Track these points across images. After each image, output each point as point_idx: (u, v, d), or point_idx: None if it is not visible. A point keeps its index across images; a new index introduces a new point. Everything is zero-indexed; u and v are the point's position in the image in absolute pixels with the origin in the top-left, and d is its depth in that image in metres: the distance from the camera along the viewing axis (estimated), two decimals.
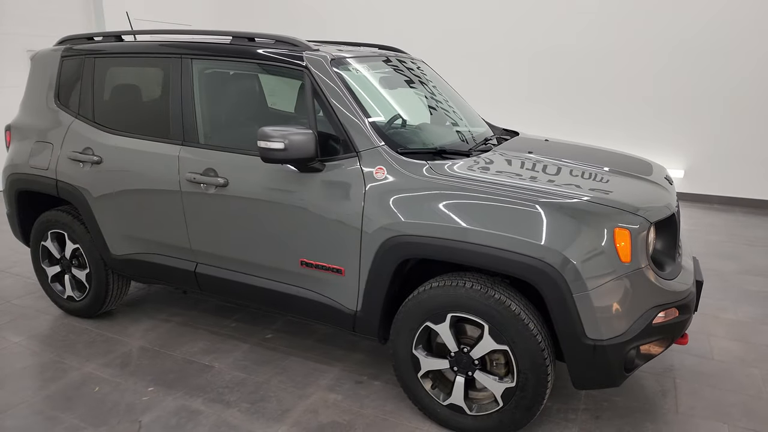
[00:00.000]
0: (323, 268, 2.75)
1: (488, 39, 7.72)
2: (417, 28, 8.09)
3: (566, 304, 2.23)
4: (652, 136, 7.08)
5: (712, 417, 2.73)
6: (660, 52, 6.85)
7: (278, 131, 2.52)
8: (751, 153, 6.67)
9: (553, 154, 3.00)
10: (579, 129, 7.36)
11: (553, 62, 7.42)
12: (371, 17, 8.38)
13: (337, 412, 2.79)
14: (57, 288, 3.78)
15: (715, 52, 6.59)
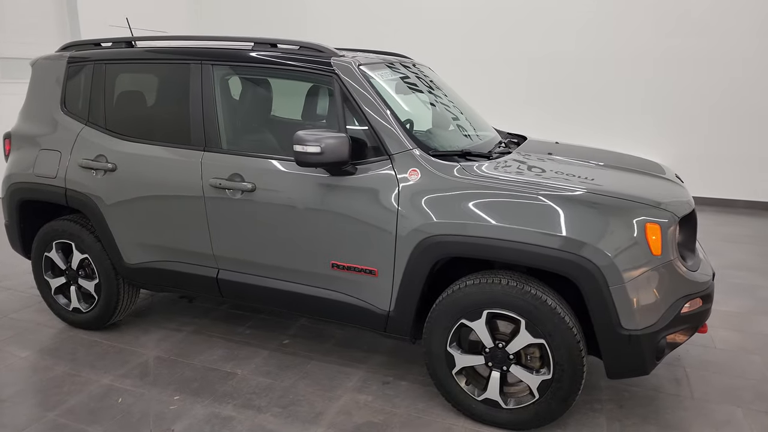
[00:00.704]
0: (355, 270, 2.79)
1: (483, 44, 7.84)
2: (404, 31, 8.20)
3: (603, 296, 2.34)
4: (631, 137, 7.33)
5: (726, 401, 2.89)
6: (643, 59, 7.15)
7: (314, 135, 2.55)
8: (719, 155, 7.04)
9: (571, 155, 3.14)
10: (572, 132, 7.51)
11: (549, 68, 7.59)
12: (352, 22, 8.44)
13: (370, 412, 2.82)
14: (61, 300, 3.68)
15: (687, 63, 6.95)
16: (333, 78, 2.80)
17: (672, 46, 7.00)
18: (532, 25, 7.63)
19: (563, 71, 7.60)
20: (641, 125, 7.33)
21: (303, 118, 3.46)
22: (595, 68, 7.44)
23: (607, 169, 2.93)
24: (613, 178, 2.77)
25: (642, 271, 2.35)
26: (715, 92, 6.92)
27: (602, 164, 3.03)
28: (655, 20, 7.02)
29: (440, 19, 8.06)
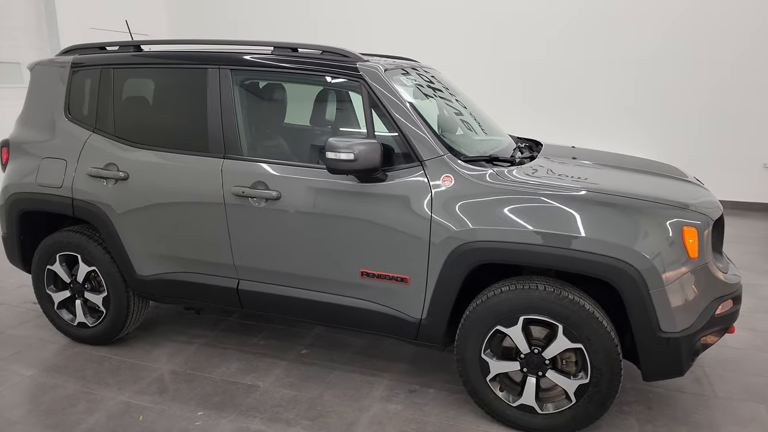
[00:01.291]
0: (386, 278, 2.75)
1: (474, 48, 7.87)
2: (378, 32, 8.18)
3: (643, 300, 2.36)
4: (618, 138, 7.45)
5: (748, 399, 2.96)
6: (620, 66, 7.30)
7: (347, 142, 2.51)
8: (706, 156, 7.20)
9: (595, 160, 3.16)
10: (563, 134, 7.58)
11: (540, 71, 7.64)
12: (337, 24, 8.37)
13: (401, 421, 2.79)
14: (65, 315, 3.53)
15: (673, 64, 7.12)
16: (361, 83, 2.76)
17: (658, 48, 7.15)
18: (524, 30, 7.67)
19: (553, 75, 7.65)
20: (629, 126, 7.45)
21: (326, 124, 3.40)
22: (586, 71, 7.50)
23: (636, 174, 2.97)
24: (644, 182, 2.80)
25: (680, 274, 2.38)
26: (702, 94, 7.07)
27: (629, 169, 3.06)
28: (642, 23, 7.17)
29: (424, 24, 8.07)
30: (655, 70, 7.17)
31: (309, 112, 3.26)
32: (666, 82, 7.16)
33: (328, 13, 8.36)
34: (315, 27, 8.48)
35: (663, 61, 7.14)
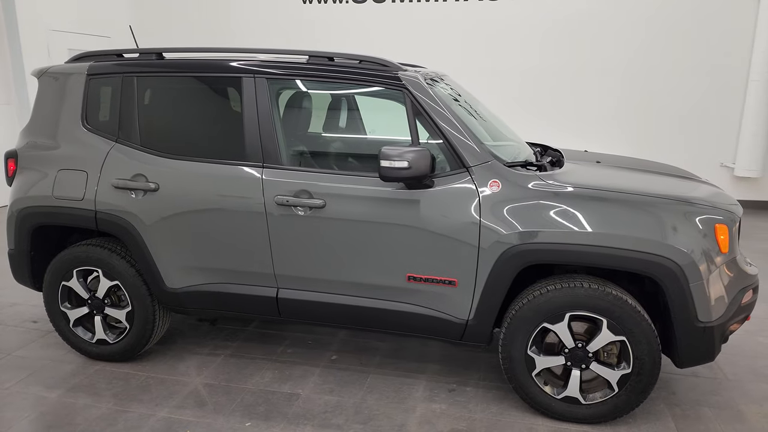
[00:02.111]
0: (434, 281, 2.83)
1: (468, 57, 8.01)
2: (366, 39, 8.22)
3: (684, 293, 2.56)
4: (601, 142, 7.78)
5: (757, 380, 3.24)
6: (591, 75, 7.66)
7: (399, 150, 2.58)
8: (659, 158, 7.67)
9: (616, 164, 3.36)
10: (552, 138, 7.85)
11: (522, 79, 7.88)
12: (315, 29, 8.34)
13: (450, 420, 2.87)
14: (81, 332, 3.39)
15: (654, 72, 7.54)
16: (404, 93, 2.83)
17: (622, 60, 7.55)
18: (510, 38, 7.85)
19: (545, 81, 7.88)
20: (597, 129, 7.79)
21: (366, 132, 3.44)
22: (573, 79, 7.78)
23: (661, 176, 3.18)
24: (671, 184, 3.01)
25: (714, 267, 2.59)
26: (661, 99, 7.53)
27: (652, 171, 3.27)
28: (609, 38, 7.54)
29: (410, 30, 8.13)
30: (619, 78, 7.57)
31: (347, 121, 3.28)
32: (628, 88, 7.57)
33: (301, 16, 8.32)
34: (295, 29, 8.38)
35: (625, 70, 7.55)
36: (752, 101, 7.04)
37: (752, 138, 7.09)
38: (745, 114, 7.14)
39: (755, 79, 7.00)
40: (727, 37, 7.17)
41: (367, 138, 3.40)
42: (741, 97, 7.21)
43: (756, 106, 7.00)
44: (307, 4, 8.07)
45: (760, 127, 7.03)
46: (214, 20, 8.56)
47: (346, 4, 7.96)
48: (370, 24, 8.03)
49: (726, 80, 7.26)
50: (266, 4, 8.30)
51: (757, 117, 7.02)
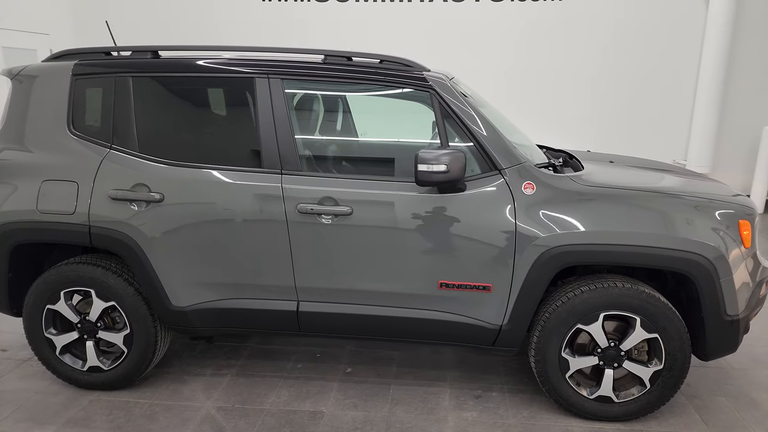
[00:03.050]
0: (467, 288, 2.75)
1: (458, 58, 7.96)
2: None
3: (715, 288, 2.62)
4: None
5: (759, 366, 3.40)
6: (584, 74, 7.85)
7: (436, 154, 2.50)
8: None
9: (629, 164, 3.41)
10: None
11: (495, 81, 7.89)
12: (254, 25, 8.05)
13: (485, 428, 2.82)
14: (70, 360, 3.07)
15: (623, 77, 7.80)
16: (431, 94, 2.74)
17: (584, 63, 7.80)
18: (486, 42, 7.93)
19: (518, 82, 7.97)
20: (578, 129, 7.98)
21: (388, 135, 3.30)
22: (543, 81, 7.91)
23: (679, 176, 3.26)
24: (693, 183, 3.09)
25: (741, 263, 2.67)
26: (619, 100, 7.83)
27: (669, 171, 3.35)
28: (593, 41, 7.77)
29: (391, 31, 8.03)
30: (585, 80, 7.81)
31: (367, 123, 3.14)
32: (594, 90, 7.82)
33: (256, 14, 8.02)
34: (246, 26, 8.06)
35: (590, 73, 7.81)
36: (702, 101, 7.46)
37: (702, 135, 7.51)
38: (695, 113, 7.55)
39: (704, 82, 7.43)
40: (679, 42, 7.57)
41: (388, 141, 3.28)
42: (691, 98, 7.62)
43: (705, 105, 7.42)
44: (267, 1, 7.79)
45: (709, 125, 7.46)
46: (162, 15, 8.08)
47: (308, 2, 7.75)
48: (341, 21, 7.90)
49: (678, 82, 7.65)
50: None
51: (706, 116, 7.44)
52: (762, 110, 7.65)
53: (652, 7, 7.55)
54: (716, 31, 7.28)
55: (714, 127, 7.51)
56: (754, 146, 7.53)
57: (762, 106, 7.66)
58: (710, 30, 7.36)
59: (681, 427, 2.82)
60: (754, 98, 7.65)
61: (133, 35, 7.99)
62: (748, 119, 7.66)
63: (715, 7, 7.30)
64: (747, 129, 7.67)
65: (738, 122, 7.68)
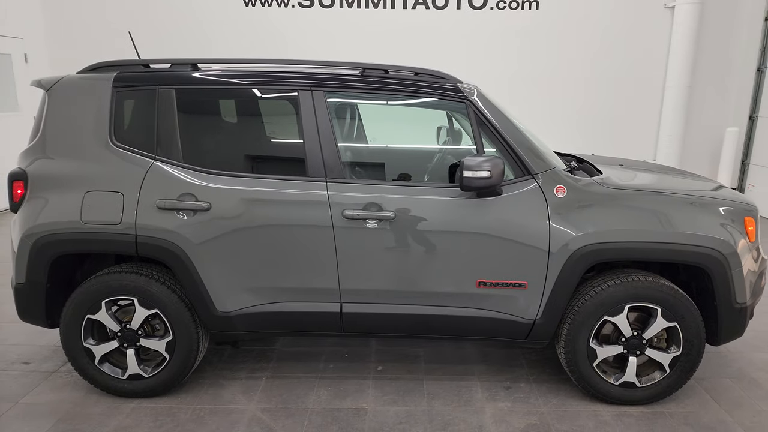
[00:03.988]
0: (504, 285, 2.94)
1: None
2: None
3: (727, 279, 2.89)
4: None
5: (754, 350, 3.72)
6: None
7: (479, 160, 2.68)
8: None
9: (635, 167, 3.66)
10: None
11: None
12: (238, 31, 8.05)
13: (521, 416, 3.00)
14: (109, 369, 3.09)
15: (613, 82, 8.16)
16: (466, 104, 2.91)
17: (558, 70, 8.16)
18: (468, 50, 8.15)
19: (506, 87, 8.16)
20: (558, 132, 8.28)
21: (423, 143, 3.44)
22: (528, 86, 8.19)
23: (686, 177, 3.53)
24: (701, 184, 3.37)
25: (747, 255, 2.95)
26: (609, 104, 8.20)
27: (676, 173, 3.63)
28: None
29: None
30: (563, 86, 8.16)
31: (405, 133, 3.28)
32: (572, 95, 8.18)
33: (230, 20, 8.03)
34: (235, 33, 8.03)
35: (567, 79, 8.17)
36: (668, 105, 7.93)
37: (669, 138, 7.97)
38: (663, 116, 8.02)
39: (671, 86, 7.89)
40: (646, 49, 8.02)
41: (423, 149, 3.43)
42: (659, 102, 8.08)
43: (672, 109, 7.90)
44: (250, 6, 7.81)
45: (676, 128, 7.94)
46: (139, 22, 7.97)
47: (291, 8, 7.82)
48: (313, 28, 7.96)
49: (646, 87, 8.10)
50: (201, 5, 7.92)
51: (673, 119, 7.91)
52: (724, 113, 8.19)
53: (622, 19, 7.98)
54: (680, 40, 7.77)
55: (680, 128, 7.99)
56: (718, 146, 8.06)
57: (724, 110, 8.21)
58: (675, 39, 7.83)
59: (696, 407, 3.08)
60: (717, 102, 8.19)
61: (110, 37, 7.90)
62: (711, 121, 8.19)
63: (678, 18, 7.78)
64: (711, 130, 8.20)
65: (702, 124, 8.20)
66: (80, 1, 8.00)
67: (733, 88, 8.19)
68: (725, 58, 8.11)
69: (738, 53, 8.10)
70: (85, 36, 8.04)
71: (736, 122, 8.12)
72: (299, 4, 7.89)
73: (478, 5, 8.02)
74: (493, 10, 8.00)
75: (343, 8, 7.97)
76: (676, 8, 7.82)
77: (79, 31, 8.10)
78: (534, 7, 8.00)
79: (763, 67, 7.86)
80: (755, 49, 7.91)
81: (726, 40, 8.07)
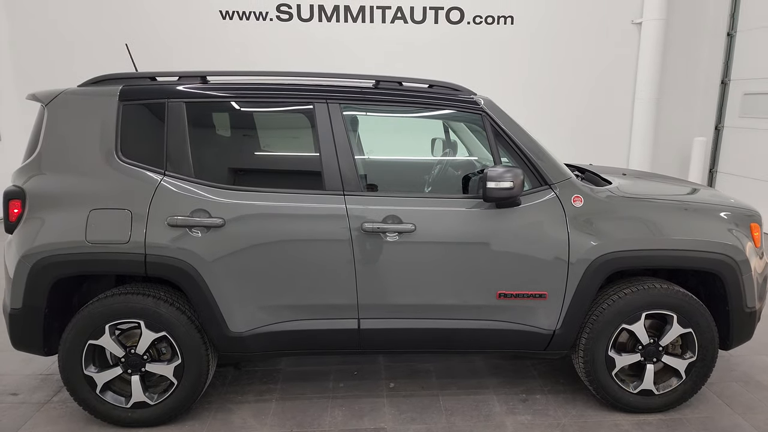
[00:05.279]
0: (524, 296, 2.92)
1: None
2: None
3: (739, 284, 2.95)
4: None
5: (755, 353, 3.81)
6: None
7: (500, 171, 2.67)
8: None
9: (637, 176, 3.73)
10: None
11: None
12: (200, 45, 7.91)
13: (543, 428, 2.98)
14: (111, 398, 2.92)
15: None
16: (483, 116, 2.91)
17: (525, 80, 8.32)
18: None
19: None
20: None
21: (443, 155, 3.40)
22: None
23: (681, 184, 3.60)
24: (707, 192, 3.45)
25: (755, 260, 3.02)
26: (584, 116, 8.38)
27: (678, 182, 3.70)
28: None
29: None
30: (533, 99, 8.31)
31: (418, 144, 3.24)
32: (541, 107, 8.33)
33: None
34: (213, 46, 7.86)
35: (544, 91, 8.32)
36: (639, 116, 8.17)
37: (641, 147, 8.22)
38: (634, 126, 8.26)
39: (640, 98, 8.14)
40: (616, 63, 8.27)
41: (436, 160, 3.40)
42: (630, 113, 8.33)
43: (642, 119, 8.15)
44: (227, 19, 7.69)
45: (647, 138, 8.19)
46: (91, 24, 7.69)
47: (270, 21, 7.74)
48: (292, 42, 7.90)
49: (617, 99, 8.34)
50: (177, 17, 7.74)
51: (644, 129, 8.17)
52: (691, 123, 8.50)
53: (593, 34, 8.22)
54: (648, 54, 8.04)
55: (651, 138, 8.25)
56: (687, 155, 8.35)
57: (691, 120, 8.52)
58: (643, 53, 8.11)
59: (711, 413, 3.11)
60: (684, 113, 8.50)
61: (76, 42, 7.65)
62: (680, 131, 8.49)
63: (645, 33, 8.07)
64: (680, 140, 8.49)
65: (671, 134, 8.49)
66: (46, 15, 7.70)
67: (699, 99, 8.51)
68: (691, 71, 8.43)
69: (703, 66, 8.43)
70: (52, 42, 7.73)
71: (703, 132, 8.43)
72: (278, 17, 7.82)
73: (456, 20, 8.12)
74: (470, 24, 8.11)
75: (321, 22, 7.94)
76: (643, 24, 8.10)
77: (46, 37, 7.76)
78: (510, 22, 8.15)
79: (726, 80, 8.20)
80: (719, 62, 8.26)
81: (691, 54, 8.40)
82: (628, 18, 8.23)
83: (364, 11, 7.89)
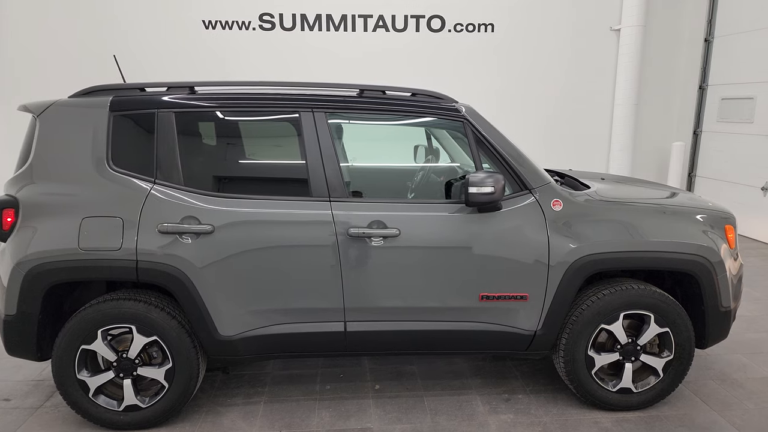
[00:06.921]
0: (506, 298, 3.01)
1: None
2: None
3: (714, 285, 3.07)
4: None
5: (728, 352, 3.92)
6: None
7: (482, 177, 2.77)
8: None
9: (616, 180, 3.84)
10: None
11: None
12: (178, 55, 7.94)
13: (525, 427, 3.07)
14: (104, 402, 2.97)
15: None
16: (464, 123, 3.01)
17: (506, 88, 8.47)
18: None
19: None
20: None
21: (425, 161, 3.49)
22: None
23: (665, 189, 3.73)
24: (685, 195, 3.57)
25: (730, 261, 3.15)
26: (564, 121, 8.53)
27: (654, 185, 3.83)
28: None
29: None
30: (515, 105, 8.44)
31: (400, 151, 3.33)
32: (523, 113, 8.47)
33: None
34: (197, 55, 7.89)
35: (522, 98, 8.45)
36: (618, 121, 8.34)
37: (620, 152, 8.37)
38: (613, 131, 8.43)
39: (619, 103, 8.31)
40: (596, 69, 8.43)
41: (419, 166, 3.49)
42: (609, 118, 8.50)
43: (621, 124, 8.31)
44: (210, 29, 7.75)
45: (626, 143, 8.35)
46: (93, 47, 7.72)
47: (252, 30, 7.80)
48: (274, 51, 7.96)
49: (597, 104, 8.50)
50: (160, 28, 7.78)
51: (623, 134, 8.32)
52: (670, 128, 8.69)
53: (572, 40, 8.35)
54: (626, 60, 8.20)
55: (630, 143, 8.41)
56: (666, 159, 8.53)
57: (670, 125, 8.70)
58: (621, 59, 8.27)
59: (689, 410, 3.23)
60: (663, 118, 8.68)
61: (61, 53, 7.64)
62: (658, 136, 8.67)
63: (624, 40, 8.24)
64: (658, 144, 8.67)
65: (650, 139, 8.66)
66: (32, 28, 7.68)
67: (678, 104, 8.69)
68: (669, 77, 8.61)
69: (681, 72, 8.62)
70: (37, 64, 7.74)
71: (682, 137, 8.61)
72: (260, 27, 7.89)
73: (437, 28, 8.22)
74: (450, 32, 8.22)
75: (304, 31, 8.00)
76: (622, 31, 8.27)
77: (17, 32, 7.74)
78: (490, 30, 8.28)
79: (704, 85, 8.39)
80: (696, 68, 8.44)
81: (669, 60, 8.58)
82: (607, 25, 8.40)
83: (346, 20, 7.98)
